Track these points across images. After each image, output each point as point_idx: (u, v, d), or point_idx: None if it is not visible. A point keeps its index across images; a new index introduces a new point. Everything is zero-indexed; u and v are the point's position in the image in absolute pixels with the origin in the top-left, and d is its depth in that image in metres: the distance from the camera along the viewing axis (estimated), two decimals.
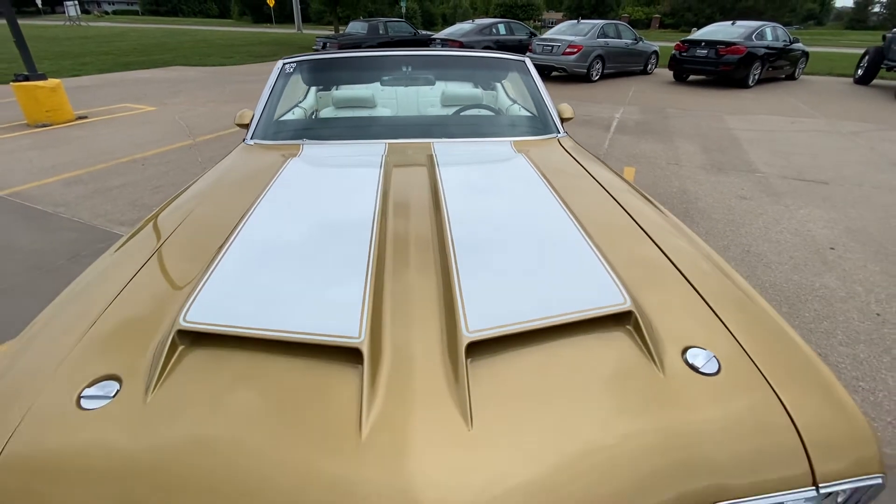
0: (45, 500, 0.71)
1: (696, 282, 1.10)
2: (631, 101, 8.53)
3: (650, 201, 1.55)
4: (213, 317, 0.91)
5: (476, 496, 0.67)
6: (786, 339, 0.98)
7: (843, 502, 0.86)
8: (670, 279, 1.12)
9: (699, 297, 1.06)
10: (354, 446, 0.72)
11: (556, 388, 0.83)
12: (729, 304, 1.05)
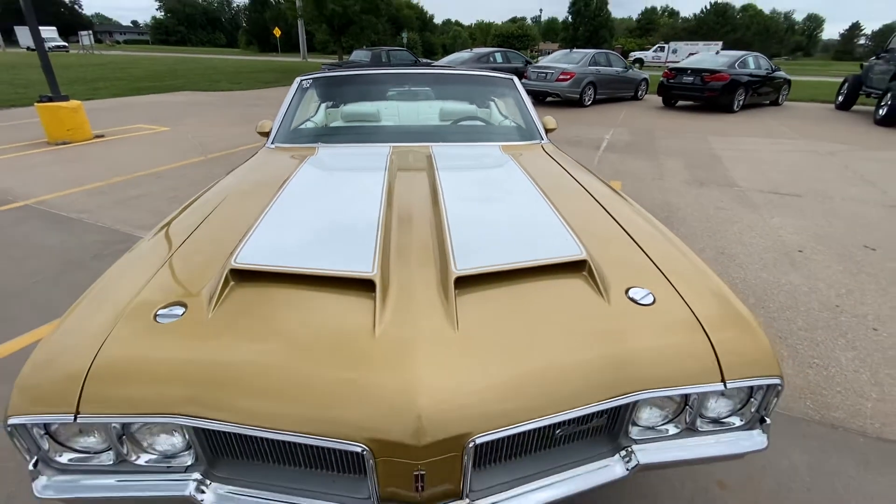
0: (130, 390, 0.93)
1: (639, 240, 1.36)
2: (621, 124, 8.95)
3: (607, 185, 1.84)
4: (258, 259, 1.16)
5: (456, 371, 0.91)
6: (710, 282, 1.23)
7: (758, 404, 1.09)
8: (619, 238, 1.39)
9: (642, 252, 1.31)
10: (370, 341, 0.96)
11: (524, 311, 1.08)
12: (666, 257, 1.30)
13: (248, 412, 0.89)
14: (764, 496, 1.53)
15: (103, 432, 0.97)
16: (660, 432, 1.10)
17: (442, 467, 0.88)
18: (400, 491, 0.92)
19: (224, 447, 1.00)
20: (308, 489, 0.98)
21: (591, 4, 64.18)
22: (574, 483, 1.02)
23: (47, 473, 0.99)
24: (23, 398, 0.93)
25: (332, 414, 0.87)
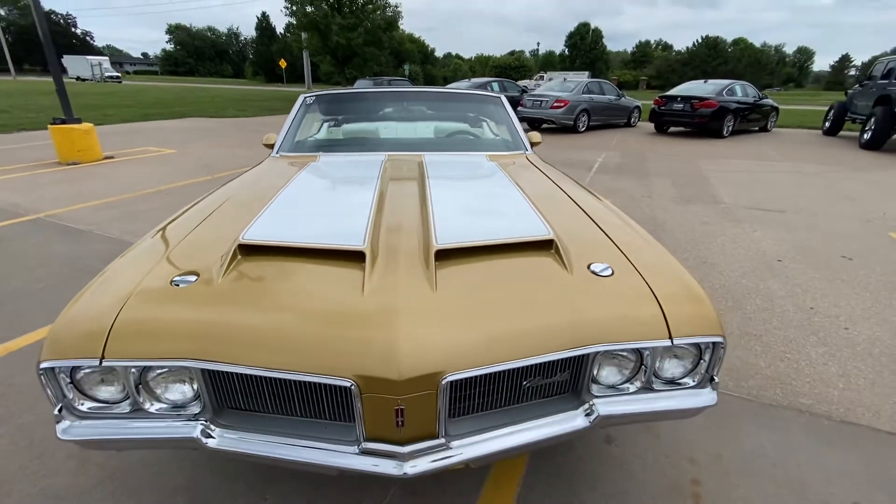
0: (149, 339, 1.07)
1: (604, 227, 1.53)
2: (613, 148, 9.25)
3: (581, 185, 2.02)
4: (263, 236, 1.31)
5: (433, 322, 1.05)
6: (665, 260, 1.39)
7: (707, 364, 1.21)
8: (585, 225, 1.55)
9: (606, 236, 1.47)
10: (358, 298, 1.10)
11: (497, 280, 1.22)
12: (627, 241, 1.46)
13: (251, 356, 1.02)
14: (732, 470, 1.62)
15: (122, 381, 1.10)
16: (620, 391, 1.22)
17: (419, 404, 1.01)
18: (383, 428, 1.04)
19: (228, 396, 1.13)
20: (303, 434, 1.10)
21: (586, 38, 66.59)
22: (540, 431, 1.14)
23: (69, 419, 1.11)
24: (54, 346, 1.07)
25: (323, 354, 1.01)
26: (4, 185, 5.56)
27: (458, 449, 1.08)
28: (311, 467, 1.08)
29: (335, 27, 19.22)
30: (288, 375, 1.00)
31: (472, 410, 1.15)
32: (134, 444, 1.13)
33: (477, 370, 1.02)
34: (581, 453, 1.69)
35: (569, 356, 1.10)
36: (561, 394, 1.23)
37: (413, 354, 0.99)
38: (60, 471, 1.58)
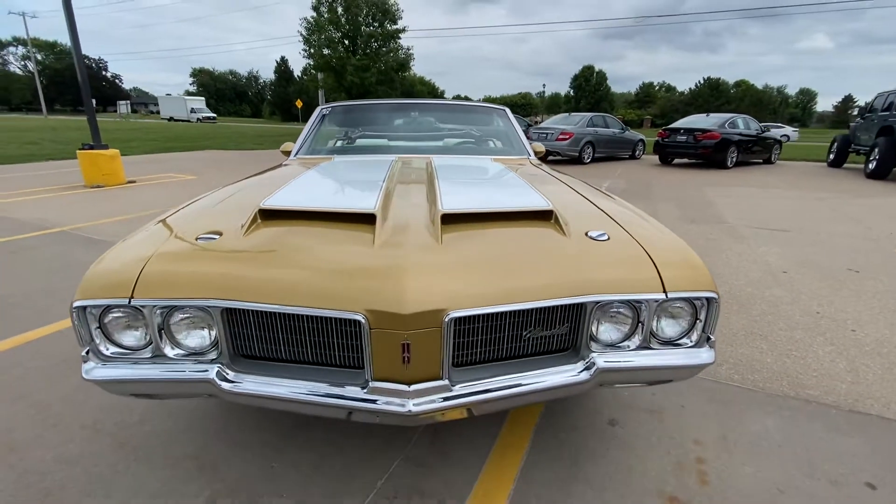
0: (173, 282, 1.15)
1: (602, 207, 1.60)
2: (619, 176, 9.43)
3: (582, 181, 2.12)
4: (283, 202, 1.42)
5: (438, 267, 1.13)
6: (660, 230, 1.45)
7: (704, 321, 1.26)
8: (583, 205, 1.64)
9: (605, 214, 1.54)
10: (369, 248, 1.18)
11: (499, 241, 1.30)
12: (625, 217, 1.53)
13: (268, 294, 1.10)
14: (738, 450, 1.61)
15: (146, 327, 1.17)
16: (619, 349, 1.26)
17: (424, 341, 1.06)
18: (390, 368, 1.09)
19: (244, 342, 1.19)
20: (313, 379, 1.15)
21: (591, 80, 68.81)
22: (540, 380, 1.18)
23: (94, 361, 1.18)
24: (88, 288, 1.15)
25: (336, 291, 1.08)
26: (33, 204, 5.82)
27: (460, 391, 1.12)
28: (320, 408, 1.12)
29: (350, 67, 20.26)
30: (302, 311, 1.07)
31: (476, 360, 1.19)
32: (153, 387, 1.18)
33: (478, 309, 1.08)
34: (585, 433, 1.69)
35: (566, 303, 1.15)
36: (561, 351, 1.27)
37: (419, 292, 1.05)
38: (74, 439, 1.63)
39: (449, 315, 1.06)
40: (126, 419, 1.73)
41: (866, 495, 1.43)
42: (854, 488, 1.45)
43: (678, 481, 1.47)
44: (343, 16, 21.06)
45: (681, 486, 1.45)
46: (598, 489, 1.44)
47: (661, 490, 1.44)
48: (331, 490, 1.42)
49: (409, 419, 1.11)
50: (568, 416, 1.79)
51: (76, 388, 1.92)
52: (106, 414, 1.76)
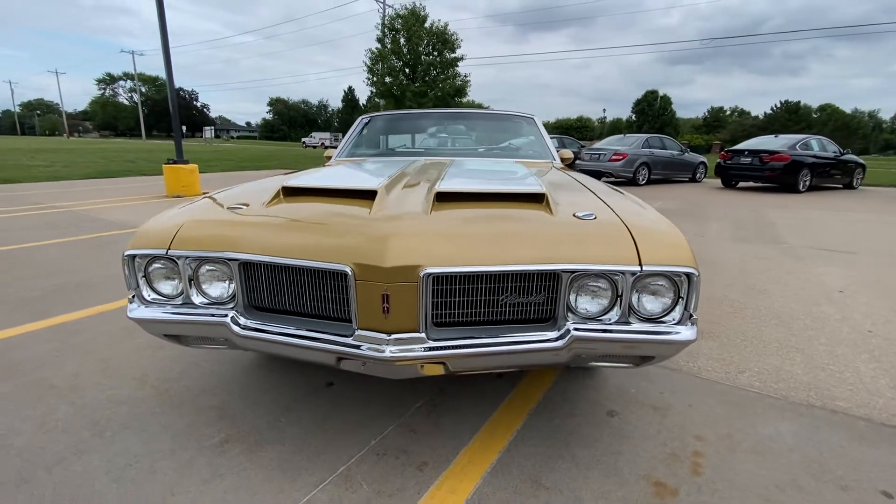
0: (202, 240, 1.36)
1: (602, 195, 1.65)
2: (674, 198, 9.08)
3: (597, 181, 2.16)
4: (303, 182, 1.61)
5: (422, 231, 1.25)
6: (651, 214, 1.48)
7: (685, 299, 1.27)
8: (582, 193, 1.70)
9: (599, 200, 1.60)
10: (366, 216, 1.33)
11: (488, 217, 1.40)
12: (622, 205, 1.57)
13: (274, 249, 1.27)
14: (742, 449, 1.55)
15: (180, 277, 1.39)
16: (597, 322, 1.30)
17: (402, 294, 1.18)
18: (373, 318, 1.21)
19: (256, 293, 1.37)
20: (309, 328, 1.30)
21: (654, 105, 66.77)
22: (515, 342, 1.24)
23: (136, 303, 1.41)
24: (136, 241, 1.39)
25: (329, 247, 1.23)
26: (122, 209, 6.66)
27: (436, 343, 1.22)
28: (314, 352, 1.26)
29: (409, 93, 21.30)
30: (301, 263, 1.23)
31: (455, 320, 1.28)
32: (180, 328, 1.39)
33: (453, 268, 1.18)
34: (581, 420, 1.70)
35: (540, 269, 1.22)
36: (541, 321, 1.33)
37: (399, 249, 1.18)
38: (124, 386, 1.89)
39: (425, 271, 1.17)
40: (167, 375, 1.98)
41: (880, 502, 1.32)
42: (866, 494, 1.35)
43: (668, 470, 1.44)
44: (405, 46, 22.34)
45: (670, 474, 1.42)
46: (583, 468, 1.44)
47: (649, 475, 1.42)
48: (327, 443, 1.54)
49: (389, 368, 1.22)
50: (567, 404, 1.80)
51: (132, 348, 2.21)
52: (152, 370, 2.02)
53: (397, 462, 1.46)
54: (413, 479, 1.38)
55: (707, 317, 2.74)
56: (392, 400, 1.80)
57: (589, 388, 1.92)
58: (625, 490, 1.35)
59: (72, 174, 11.49)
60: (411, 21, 21.80)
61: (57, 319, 2.57)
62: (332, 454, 1.49)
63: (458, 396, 1.84)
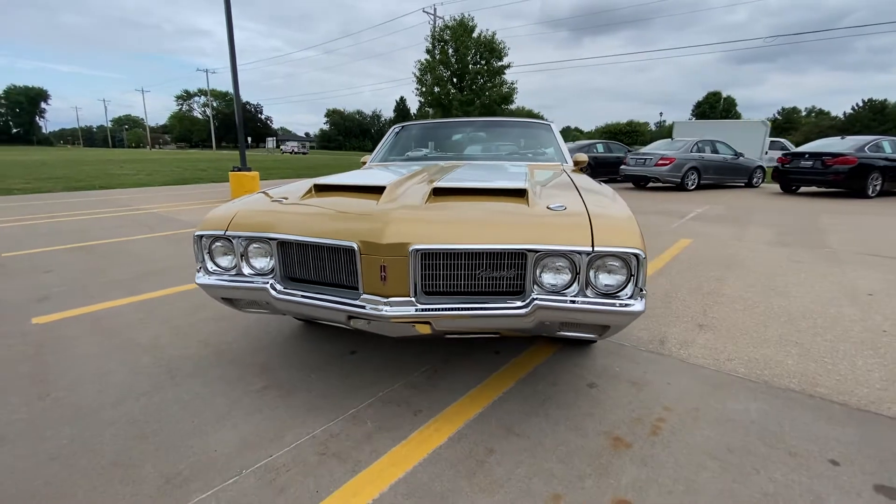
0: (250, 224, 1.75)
1: (584, 194, 1.88)
2: (721, 202, 8.79)
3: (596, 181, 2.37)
4: (331, 181, 1.99)
5: (415, 216, 1.56)
6: (619, 208, 1.70)
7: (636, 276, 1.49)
8: (568, 189, 1.93)
9: (579, 197, 1.83)
10: (373, 206, 1.66)
11: (472, 208, 1.69)
12: (597, 199, 1.80)
13: (302, 231, 1.64)
14: (705, 419, 1.71)
15: (233, 253, 1.79)
16: (560, 295, 1.54)
17: (396, 265, 1.50)
18: (374, 285, 1.54)
19: (290, 266, 1.74)
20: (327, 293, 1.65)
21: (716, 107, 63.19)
22: (487, 307, 1.52)
23: (202, 273, 1.83)
24: (202, 225, 1.81)
25: (341, 229, 1.57)
26: (192, 211, 7.53)
27: (423, 307, 1.52)
28: (331, 311, 1.60)
29: (455, 102, 21.84)
30: (321, 241, 1.58)
31: (441, 290, 1.58)
32: (233, 292, 1.79)
33: (436, 245, 1.48)
34: (563, 388, 1.93)
35: (509, 248, 1.49)
36: (513, 293, 1.59)
37: (393, 229, 1.50)
38: (191, 346, 2.34)
39: (413, 247, 1.48)
40: (223, 339, 2.42)
41: (822, 468, 1.46)
42: (812, 461, 1.49)
43: (629, 429, 1.65)
44: (453, 56, 22.98)
45: (630, 433, 1.63)
46: (552, 423, 1.68)
47: (610, 432, 1.63)
48: (345, 394, 1.88)
49: (388, 325, 1.54)
50: (552, 375, 2.03)
51: (199, 319, 2.69)
52: (212, 336, 2.47)
53: (398, 409, 1.77)
54: (408, 421, 1.69)
55: (712, 312, 2.83)
56: (403, 365, 2.12)
57: (577, 365, 2.14)
58: (584, 441, 1.58)
59: (153, 181, 12.95)
60: (459, 32, 22.43)
61: (143, 296, 3.13)
62: (347, 401, 1.83)
63: (458, 365, 2.12)
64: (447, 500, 1.31)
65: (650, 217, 6.84)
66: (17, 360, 2.18)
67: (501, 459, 1.49)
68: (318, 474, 1.41)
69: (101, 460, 1.48)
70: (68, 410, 1.76)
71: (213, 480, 1.39)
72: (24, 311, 2.84)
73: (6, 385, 1.95)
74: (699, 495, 1.33)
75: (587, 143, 14.23)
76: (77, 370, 2.08)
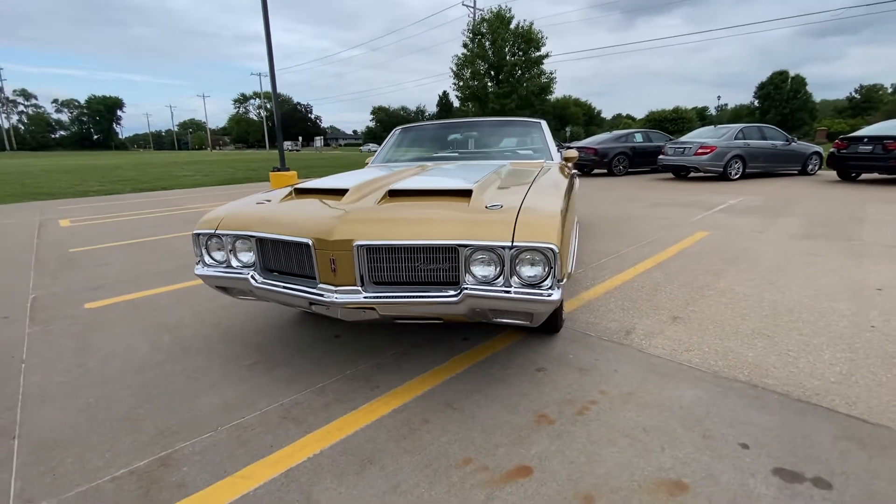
0: (236, 224, 2.06)
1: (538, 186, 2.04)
2: (761, 192, 8.34)
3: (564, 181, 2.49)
4: (308, 184, 2.26)
5: (364, 216, 1.79)
6: (550, 206, 1.85)
7: (551, 269, 1.65)
8: (518, 189, 2.09)
9: (524, 195, 1.98)
10: (332, 208, 1.92)
11: (419, 207, 1.90)
12: (539, 199, 1.95)
13: (274, 230, 1.92)
14: (635, 403, 1.83)
15: (224, 248, 2.11)
16: (489, 285, 1.72)
17: (344, 259, 1.74)
18: (327, 275, 1.79)
19: (267, 259, 2.03)
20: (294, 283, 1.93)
21: (782, 88, 58.36)
22: (422, 295, 1.73)
23: (200, 265, 2.16)
24: (199, 225, 2.15)
25: (302, 227, 1.84)
26: None
27: (368, 295, 1.75)
28: (296, 298, 1.88)
29: (491, 95, 21.80)
30: (285, 237, 1.86)
31: (388, 280, 1.81)
32: (224, 281, 2.11)
33: (376, 241, 1.71)
34: (512, 372, 2.10)
35: (441, 244, 1.69)
36: (450, 284, 1.79)
37: (340, 227, 1.74)
38: (206, 327, 2.72)
39: (356, 243, 1.72)
40: (233, 323, 2.78)
41: (730, 450, 1.55)
42: (723, 443, 1.58)
43: (558, 409, 1.80)
44: (490, 48, 22.91)
45: (557, 412, 1.78)
46: (490, 401, 1.87)
47: (539, 410, 1.80)
48: (318, 371, 2.16)
49: (341, 310, 1.78)
50: (507, 360, 2.21)
51: (218, 306, 3.08)
52: (225, 320, 2.84)
53: (358, 384, 2.02)
54: (364, 394, 1.94)
55: (694, 305, 2.86)
56: (377, 348, 2.37)
57: (535, 352, 2.29)
58: (512, 416, 1.76)
59: (208, 181, 14.06)
60: (496, 24, 22.29)
61: (177, 286, 3.60)
62: (318, 377, 2.11)
63: (427, 349, 2.34)
64: (374, 457, 1.55)
65: (675, 209, 6.67)
66: (67, 338, 2.65)
67: (432, 428, 1.70)
68: (276, 433, 1.70)
69: (115, 415, 1.85)
70: (98, 377, 2.17)
71: (194, 434, 1.71)
72: (80, 297, 3.37)
73: (56, 356, 2.40)
74: (597, 465, 1.48)
75: (624, 133, 13.84)
76: (111, 346, 2.51)
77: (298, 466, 1.52)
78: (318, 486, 1.43)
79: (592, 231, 5.26)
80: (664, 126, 44.89)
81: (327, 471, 1.49)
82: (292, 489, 1.42)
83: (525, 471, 1.47)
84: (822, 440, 1.58)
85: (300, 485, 1.44)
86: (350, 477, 1.46)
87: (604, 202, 7.82)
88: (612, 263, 3.88)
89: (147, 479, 1.48)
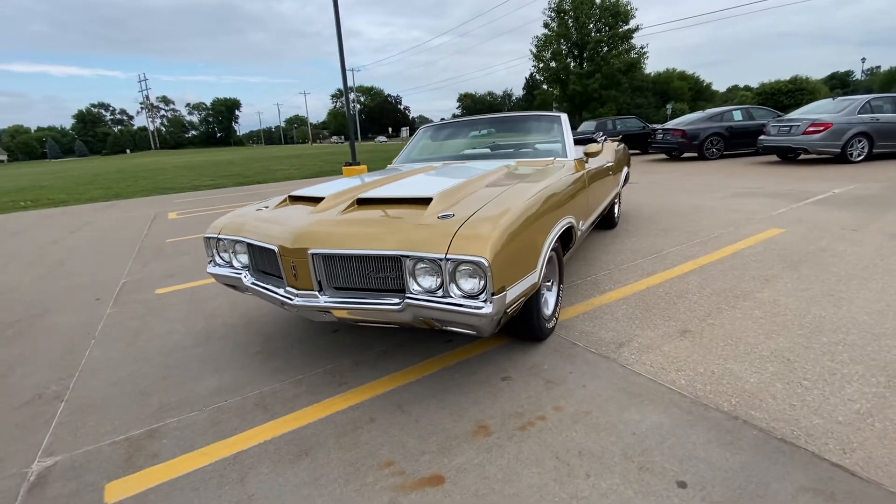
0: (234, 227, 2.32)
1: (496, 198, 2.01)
2: (881, 179, 6.96)
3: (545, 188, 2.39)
4: (301, 192, 2.46)
5: (325, 228, 1.93)
6: (504, 216, 1.81)
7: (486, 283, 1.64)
8: (482, 195, 2.07)
9: (485, 203, 1.96)
10: (303, 215, 2.08)
11: (379, 216, 1.99)
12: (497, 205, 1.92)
13: (254, 235, 2.14)
14: (587, 423, 1.74)
15: (225, 250, 2.39)
16: (429, 295, 1.76)
17: (303, 265, 1.89)
18: (291, 280, 1.96)
19: (256, 260, 2.27)
20: (272, 284, 2.13)
21: None
22: (369, 302, 1.82)
23: (211, 265, 2.48)
24: (208, 229, 2.46)
25: (274, 235, 2.03)
26: None
27: (324, 299, 1.89)
28: (270, 298, 2.09)
29: (572, 76, 20.68)
30: (259, 243, 2.07)
31: (345, 285, 1.93)
32: (229, 280, 2.40)
33: (328, 250, 1.84)
34: (477, 378, 2.11)
35: (386, 254, 1.76)
36: (399, 291, 1.85)
37: (299, 236, 1.90)
38: (233, 318, 3.10)
39: (311, 251, 1.86)
40: (254, 314, 3.13)
41: (662, 488, 1.43)
42: (658, 479, 1.46)
43: (502, 422, 1.79)
44: (573, 26, 21.61)
45: (499, 424, 1.77)
46: (440, 407, 1.91)
47: (481, 420, 1.80)
48: (304, 363, 2.37)
49: (306, 311, 1.95)
50: (478, 366, 2.22)
51: (249, 297, 3.48)
52: (252, 310, 3.20)
53: (332, 379, 2.19)
54: (331, 389, 2.10)
55: (715, 318, 2.57)
56: (364, 346, 2.52)
57: (509, 359, 2.26)
58: (454, 424, 1.79)
59: (299, 174, 15.41)
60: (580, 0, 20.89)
61: None
62: (302, 369, 2.32)
63: (409, 350, 2.44)
64: (311, 450, 1.70)
65: (757, 200, 5.88)
66: (133, 319, 3.20)
67: (374, 428, 1.80)
68: (245, 417, 1.93)
69: (135, 389, 2.23)
70: (138, 355, 2.61)
71: (183, 410, 2.01)
72: (154, 284, 4.01)
73: (118, 335, 2.93)
74: (509, 484, 1.47)
75: (719, 112, 12.37)
76: (159, 328, 2.99)
77: (248, 451, 1.72)
78: (254, 470, 1.62)
79: (644, 226, 4.87)
80: (779, 98, 38.73)
81: (269, 458, 1.68)
82: (234, 470, 1.62)
83: (437, 480, 1.51)
84: (781, 490, 1.38)
85: (242, 467, 1.64)
86: (283, 466, 1.63)
87: (677, 191, 7.14)
88: (646, 265, 3.60)
89: (134, 447, 1.79)
